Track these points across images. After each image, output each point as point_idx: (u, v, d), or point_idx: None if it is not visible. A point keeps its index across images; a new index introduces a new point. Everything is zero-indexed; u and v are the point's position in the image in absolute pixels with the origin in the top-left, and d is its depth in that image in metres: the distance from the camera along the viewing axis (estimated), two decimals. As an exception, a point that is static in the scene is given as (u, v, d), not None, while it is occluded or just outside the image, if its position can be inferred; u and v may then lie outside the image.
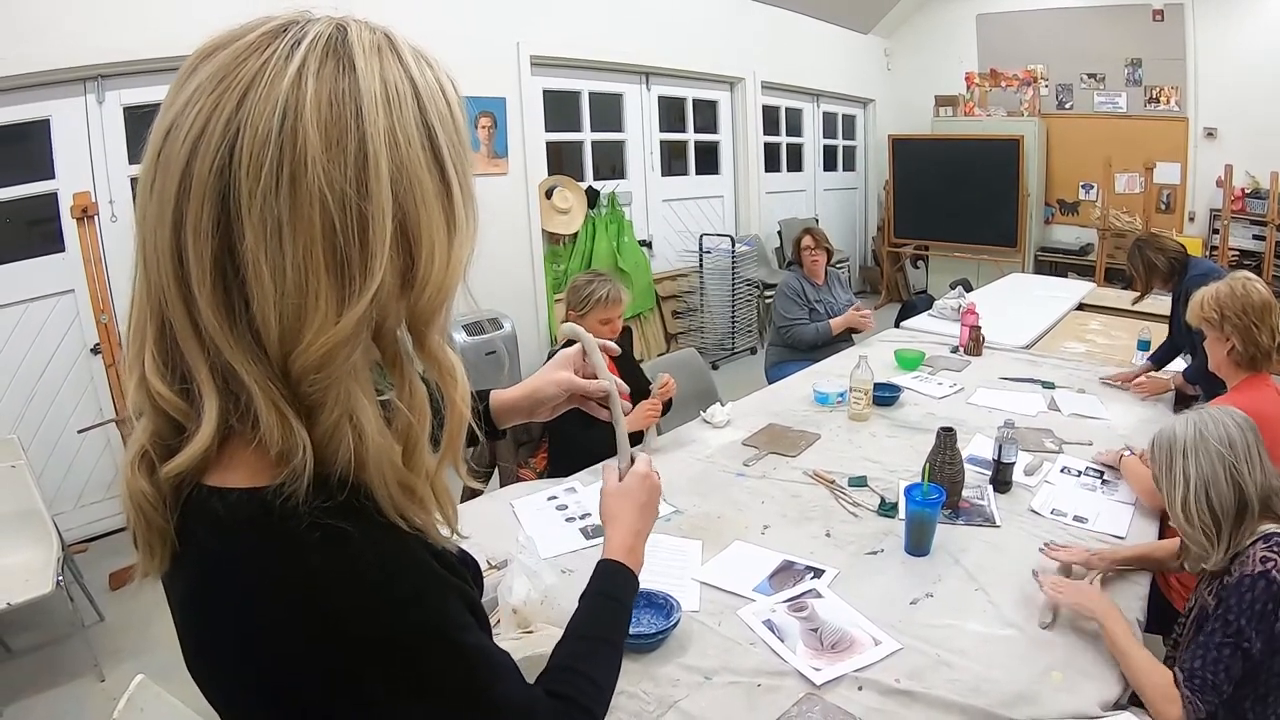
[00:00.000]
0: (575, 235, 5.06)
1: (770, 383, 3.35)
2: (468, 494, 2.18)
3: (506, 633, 1.36)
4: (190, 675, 0.58)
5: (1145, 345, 3.14)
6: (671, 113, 6.01)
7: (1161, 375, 2.85)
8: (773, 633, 1.47)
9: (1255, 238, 6.40)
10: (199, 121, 0.48)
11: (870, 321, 3.75)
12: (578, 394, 1.04)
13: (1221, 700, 1.27)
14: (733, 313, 5.83)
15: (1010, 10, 7.35)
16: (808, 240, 3.77)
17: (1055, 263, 7.27)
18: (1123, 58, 6.90)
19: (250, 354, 0.50)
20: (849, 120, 8.24)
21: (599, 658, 0.78)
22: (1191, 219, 6.84)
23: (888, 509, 1.94)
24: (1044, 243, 7.53)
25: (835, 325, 3.67)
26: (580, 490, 2.10)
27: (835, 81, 7.53)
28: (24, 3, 2.81)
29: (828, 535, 1.84)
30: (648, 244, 5.75)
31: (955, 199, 7.09)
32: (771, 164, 6.97)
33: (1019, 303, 4.44)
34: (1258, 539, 1.32)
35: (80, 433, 3.10)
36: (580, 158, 5.34)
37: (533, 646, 1.28)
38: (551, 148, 5.04)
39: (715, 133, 6.39)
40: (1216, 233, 6.52)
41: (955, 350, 3.38)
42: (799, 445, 2.37)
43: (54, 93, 3.02)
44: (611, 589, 0.85)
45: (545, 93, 4.90)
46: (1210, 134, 6.62)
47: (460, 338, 3.94)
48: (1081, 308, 4.40)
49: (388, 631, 0.52)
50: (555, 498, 2.07)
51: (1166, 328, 3.04)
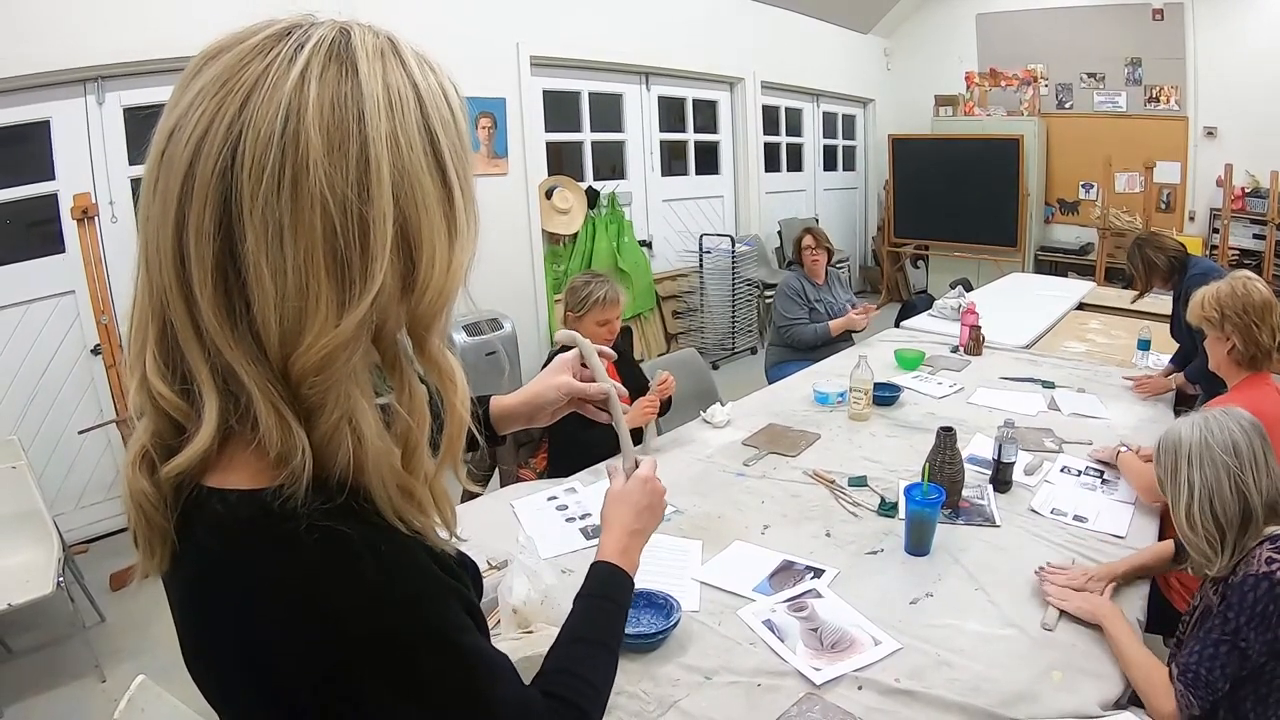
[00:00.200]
0: (575, 235, 5.06)
1: (770, 383, 3.35)
2: (467, 495, 2.18)
3: (506, 633, 1.36)
4: (190, 675, 0.58)
5: (1145, 344, 3.13)
6: (671, 113, 6.01)
7: (1162, 375, 2.85)
8: (773, 633, 1.47)
9: (1255, 237, 6.40)
10: (202, 123, 0.49)
11: (870, 318, 3.75)
12: (577, 397, 1.05)
13: (1215, 698, 1.26)
14: (733, 313, 5.83)
15: (1010, 10, 7.35)
16: (808, 240, 3.78)
17: (1055, 262, 7.27)
18: (1122, 57, 6.90)
19: (250, 355, 0.50)
20: (849, 120, 8.24)
21: (594, 660, 0.78)
22: (1191, 218, 6.84)
23: (888, 509, 1.94)
24: (1044, 242, 7.53)
25: (834, 327, 3.67)
26: (580, 490, 2.10)
27: (835, 81, 7.53)
28: (24, 4, 2.81)
29: (828, 535, 1.85)
30: (648, 244, 5.75)
31: (955, 199, 7.09)
32: (771, 164, 6.97)
33: (1019, 302, 4.44)
34: (1264, 540, 1.32)
35: (81, 433, 3.11)
36: (580, 158, 5.35)
37: (533, 646, 1.29)
38: (551, 148, 5.05)
39: (715, 133, 6.39)
40: (1216, 232, 6.52)
41: (955, 350, 3.39)
42: (799, 445, 2.37)
43: (54, 94, 3.02)
44: (604, 590, 0.85)
45: (545, 93, 4.90)
46: (1210, 133, 6.62)
47: (460, 338, 3.94)
48: (1081, 307, 4.39)
49: (386, 633, 0.52)
50: (555, 498, 2.07)
51: (1167, 327, 3.04)
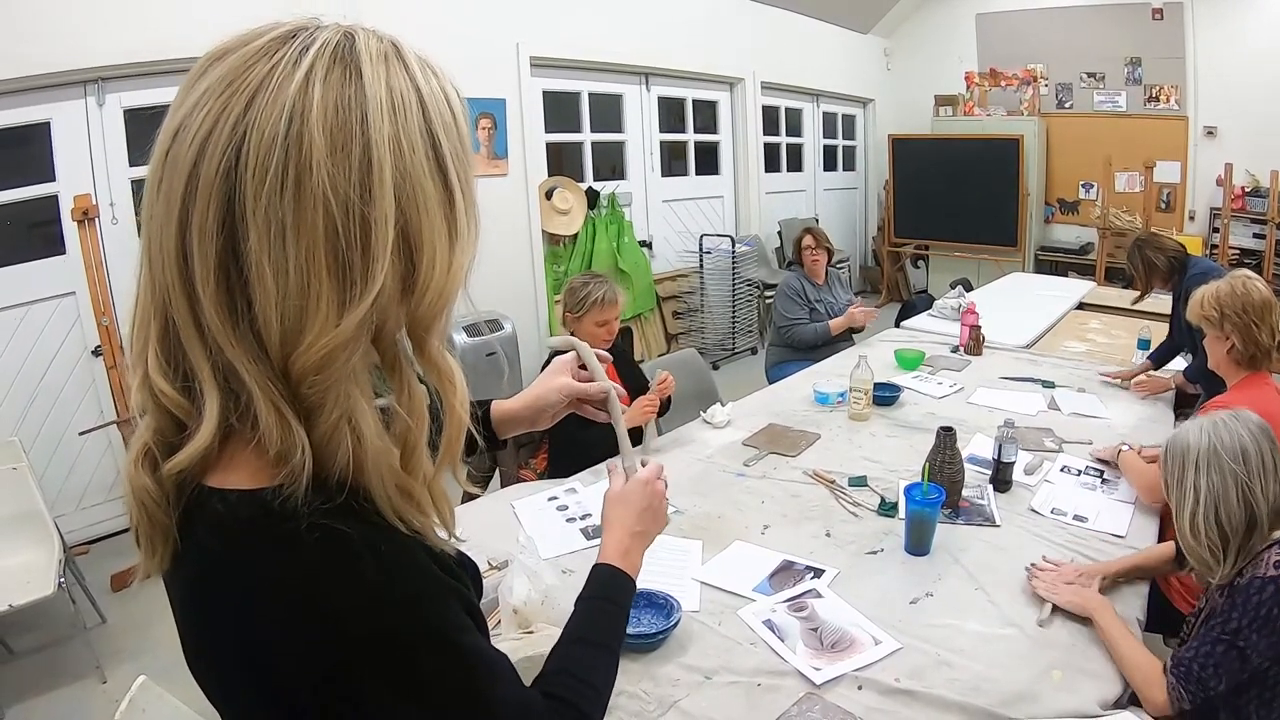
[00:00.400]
0: (575, 236, 5.06)
1: (771, 383, 3.36)
2: (467, 496, 2.18)
3: (507, 633, 1.36)
4: (191, 674, 0.59)
5: (1145, 344, 3.13)
6: (671, 113, 6.01)
7: (1162, 374, 2.85)
8: (773, 632, 1.47)
9: (1255, 236, 6.40)
10: (207, 123, 0.49)
11: (871, 315, 3.75)
12: (577, 398, 1.05)
13: (1206, 695, 1.26)
14: (733, 313, 5.83)
15: (1010, 10, 7.35)
16: (808, 240, 3.78)
17: (1055, 262, 7.27)
18: (1122, 57, 6.90)
19: (251, 354, 0.50)
20: (849, 120, 8.24)
21: (594, 661, 0.78)
22: (1192, 218, 6.84)
23: (888, 509, 1.94)
24: (1044, 242, 7.53)
25: (835, 326, 3.68)
26: (581, 491, 2.11)
27: (835, 81, 7.53)
28: (25, 5, 2.81)
29: (828, 535, 1.85)
30: (648, 244, 5.76)
31: (955, 199, 7.09)
32: (771, 164, 6.97)
33: (1019, 302, 4.44)
34: (1273, 544, 1.30)
35: (81, 435, 3.11)
36: (580, 158, 5.35)
37: (533, 646, 1.29)
38: (551, 149, 5.05)
39: (715, 133, 6.40)
40: (1217, 231, 6.52)
41: (955, 350, 3.39)
42: (799, 445, 2.37)
43: (54, 95, 3.02)
44: (604, 592, 0.85)
45: (545, 93, 4.90)
46: (1210, 132, 6.62)
47: (460, 339, 3.94)
48: (1082, 307, 4.39)
49: (386, 632, 0.53)
50: (555, 498, 2.08)
51: (1167, 327, 3.04)
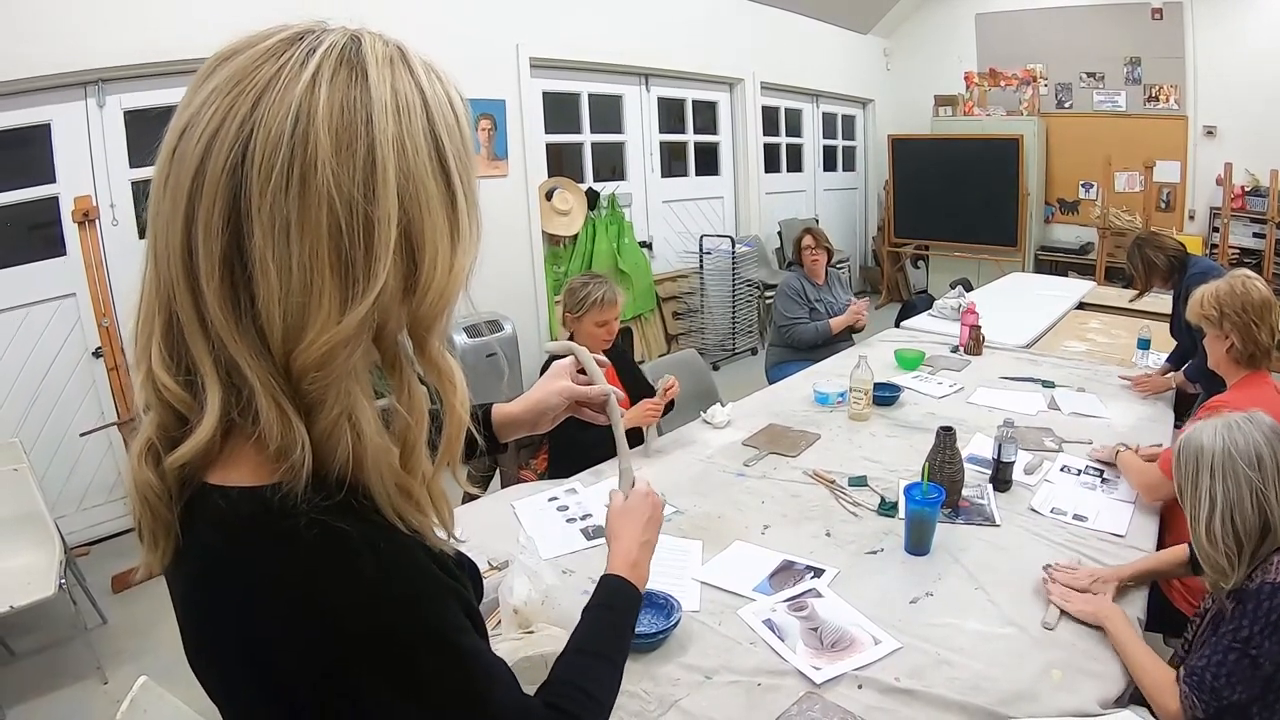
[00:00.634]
0: (575, 237, 5.06)
1: (771, 383, 3.36)
2: (467, 496, 2.18)
3: (507, 633, 1.36)
4: (191, 671, 0.59)
5: (1145, 344, 3.14)
6: (671, 114, 6.01)
7: (1159, 374, 2.85)
8: (773, 632, 1.47)
9: (1255, 235, 6.40)
10: (214, 121, 0.49)
11: (863, 310, 3.75)
12: (578, 401, 1.07)
13: (1220, 705, 1.25)
14: (733, 313, 5.83)
15: (1009, 9, 7.35)
16: (808, 240, 3.78)
17: (1055, 262, 7.27)
18: (1122, 56, 6.90)
19: (254, 349, 0.51)
20: (848, 120, 8.24)
21: (596, 671, 0.78)
22: (1191, 217, 6.84)
23: (887, 508, 1.94)
24: (1044, 242, 7.53)
25: (835, 325, 3.68)
26: (581, 491, 2.11)
27: (834, 82, 7.53)
28: (24, 6, 2.82)
29: (828, 535, 1.85)
30: (648, 245, 5.76)
31: (955, 199, 7.09)
32: (771, 164, 6.97)
33: (1019, 302, 4.44)
34: None
35: (82, 436, 3.11)
36: (580, 159, 5.35)
37: (533, 646, 1.29)
38: (551, 149, 5.05)
39: (715, 134, 6.40)
40: (1216, 231, 6.52)
41: (955, 350, 3.39)
42: (799, 445, 2.37)
43: (54, 97, 3.03)
44: (610, 602, 0.86)
45: (545, 94, 4.90)
46: (1210, 132, 6.62)
47: (460, 340, 3.94)
48: (1082, 307, 4.40)
49: (385, 629, 0.53)
50: (556, 499, 2.08)
51: (1167, 326, 3.04)
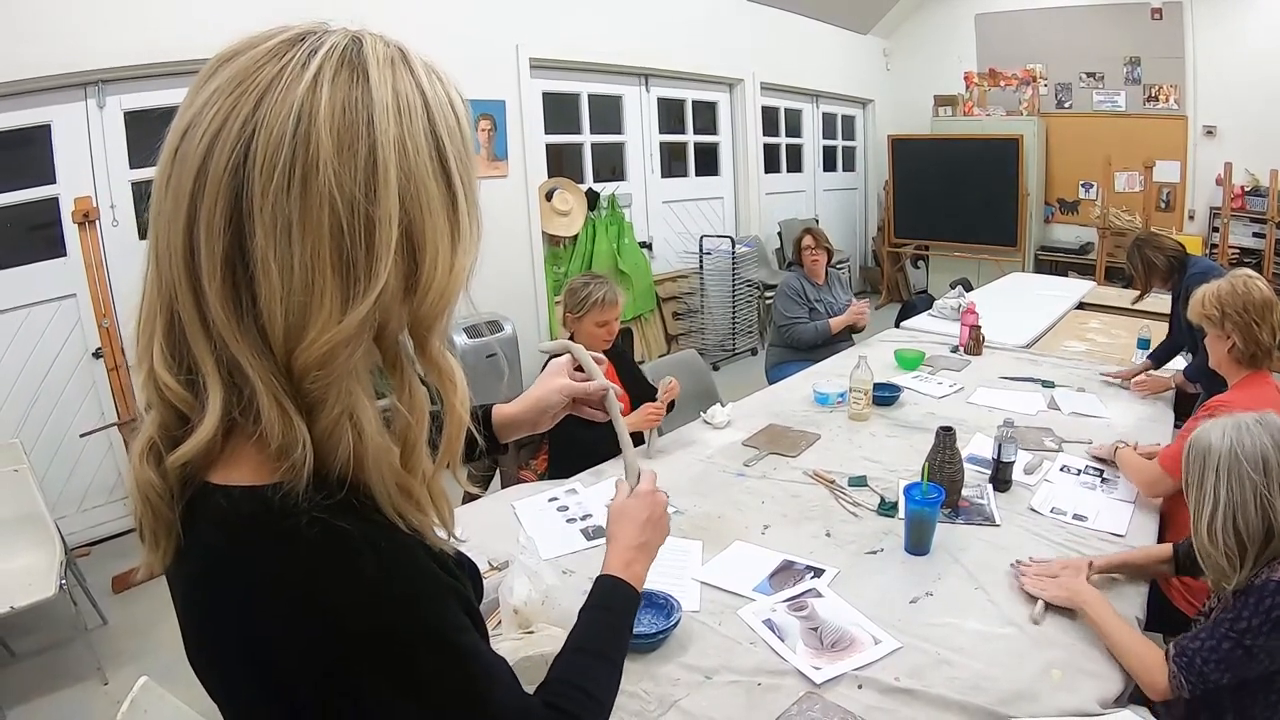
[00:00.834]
0: (575, 237, 5.06)
1: (771, 383, 3.36)
2: (467, 496, 2.18)
3: (508, 633, 1.37)
4: (192, 669, 0.59)
5: (1145, 344, 3.14)
6: (671, 114, 6.02)
7: (1162, 374, 2.85)
8: (773, 632, 1.47)
9: (1255, 235, 6.40)
10: (216, 121, 0.50)
11: (864, 310, 3.75)
12: (578, 399, 1.07)
13: (1206, 688, 1.26)
14: (733, 314, 5.84)
15: (1009, 10, 7.35)
16: (808, 240, 3.78)
17: (1055, 262, 7.27)
18: (1121, 56, 6.90)
19: (255, 348, 0.51)
20: (848, 121, 8.24)
21: (594, 671, 0.78)
22: (1191, 217, 6.84)
23: (887, 508, 1.94)
24: (1044, 242, 7.53)
25: (835, 325, 3.68)
26: (581, 491, 2.11)
27: (834, 82, 7.53)
28: (24, 7, 2.82)
29: (828, 535, 1.85)
30: (648, 245, 5.76)
31: (955, 199, 7.09)
32: (771, 165, 6.98)
33: (1019, 302, 4.45)
34: None
35: (82, 437, 3.11)
36: (580, 160, 5.35)
37: (534, 646, 1.29)
38: (551, 150, 5.05)
39: (715, 134, 6.40)
40: (1216, 230, 6.52)
41: (955, 350, 3.39)
42: (799, 445, 2.37)
43: (55, 98, 3.03)
44: (606, 603, 0.86)
45: (545, 95, 4.91)
46: (1209, 132, 6.62)
47: (460, 340, 3.95)
48: (1082, 307, 4.40)
49: (385, 628, 0.53)
50: (556, 499, 2.08)
51: (1167, 326, 3.05)
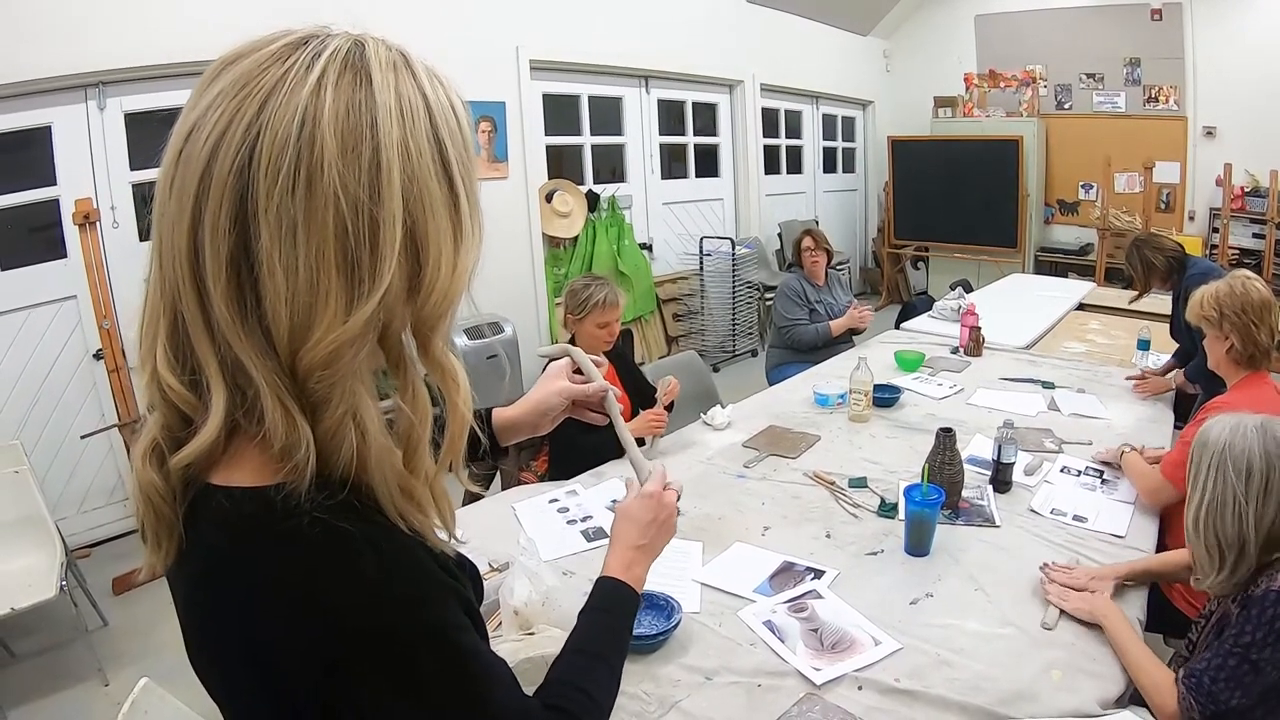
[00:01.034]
0: (576, 239, 5.06)
1: (771, 385, 3.36)
2: (468, 497, 2.19)
3: (508, 634, 1.37)
4: (193, 669, 0.59)
5: (1145, 344, 3.14)
6: (671, 116, 6.02)
7: (1161, 372, 2.86)
8: (773, 633, 1.47)
9: (1255, 236, 6.40)
10: (221, 123, 0.50)
11: (868, 317, 3.75)
12: (577, 401, 1.08)
13: (1218, 709, 1.24)
14: (733, 315, 5.84)
15: (1009, 11, 7.36)
16: (808, 241, 3.78)
17: (1055, 263, 7.26)
18: (1121, 57, 6.90)
19: (259, 349, 0.51)
20: (848, 122, 8.25)
21: (594, 672, 0.78)
22: (1191, 218, 6.84)
23: (888, 510, 1.94)
24: (1044, 243, 7.53)
25: (835, 327, 3.68)
26: (581, 493, 2.11)
27: (834, 83, 7.54)
28: (25, 9, 2.82)
29: (828, 536, 1.85)
30: (648, 247, 5.76)
31: (955, 200, 7.09)
32: (771, 166, 6.98)
33: (1019, 303, 4.45)
34: None
35: (83, 438, 3.12)
36: (580, 161, 5.36)
37: (534, 648, 1.29)
38: (551, 151, 5.05)
39: (715, 135, 6.40)
40: (1216, 231, 6.52)
41: (955, 351, 3.39)
42: (799, 447, 2.37)
43: (55, 99, 3.03)
44: (605, 604, 0.86)
45: (545, 97, 4.91)
46: (1209, 133, 6.63)
47: (461, 342, 3.95)
48: (1081, 308, 4.40)
49: (386, 629, 0.53)
50: (556, 500, 2.08)
51: (1166, 327, 3.04)
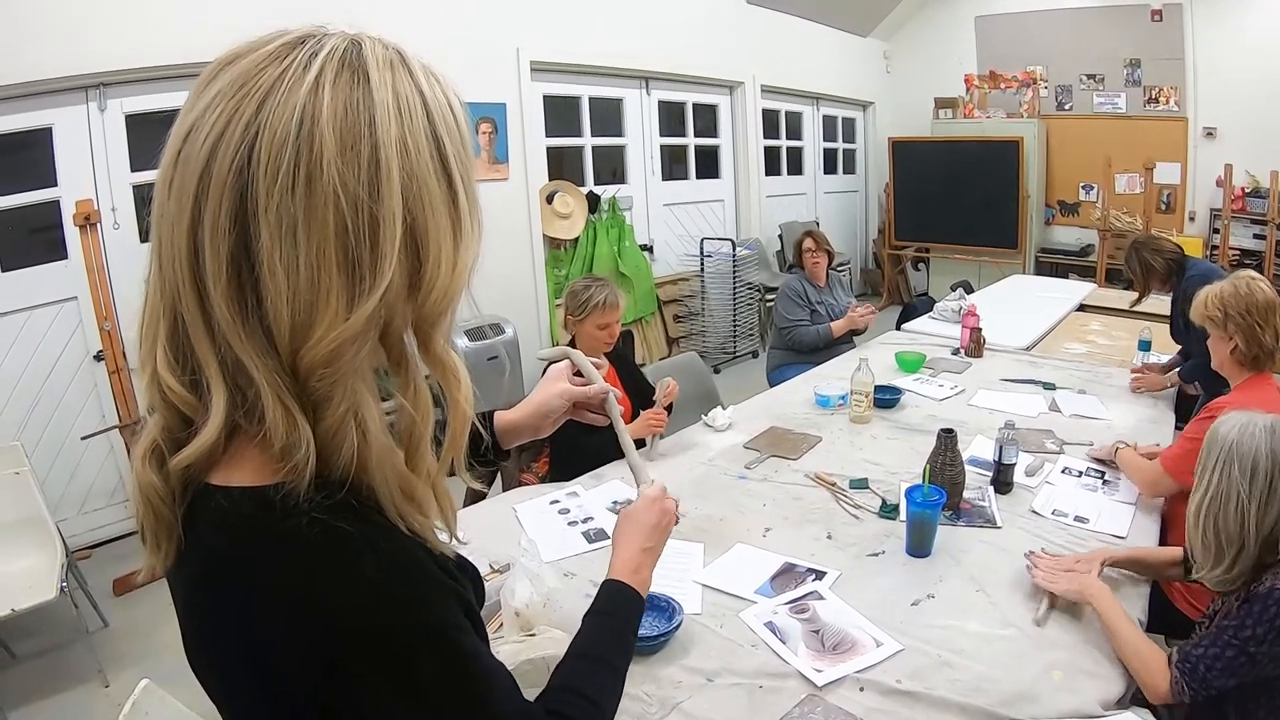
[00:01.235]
0: (576, 240, 5.07)
1: (771, 386, 3.36)
2: (470, 497, 2.19)
3: (509, 635, 1.36)
4: (192, 670, 0.59)
5: (1146, 345, 3.13)
6: (671, 117, 6.02)
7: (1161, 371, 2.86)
8: (774, 634, 1.47)
9: (1256, 237, 6.40)
10: (219, 123, 0.50)
11: (871, 318, 3.75)
12: (578, 403, 1.08)
13: (1208, 694, 1.26)
14: (734, 316, 5.84)
15: (1009, 12, 7.37)
16: (809, 242, 3.78)
17: (1056, 264, 7.26)
18: (1122, 58, 6.91)
19: (260, 348, 0.51)
20: (849, 123, 8.25)
21: (597, 676, 0.78)
22: (1192, 219, 6.84)
23: (889, 511, 1.94)
24: (1044, 244, 7.53)
25: (836, 328, 3.67)
26: (582, 494, 2.11)
27: (835, 84, 7.54)
28: (26, 10, 2.83)
29: (829, 537, 1.85)
30: (649, 248, 5.76)
31: (955, 201, 7.09)
32: (772, 167, 6.98)
33: (1020, 304, 4.44)
34: None
35: (84, 439, 3.12)
36: (581, 163, 5.36)
37: (535, 649, 1.29)
38: (552, 153, 5.06)
39: (715, 137, 6.41)
40: (1217, 232, 6.52)
41: (956, 352, 3.38)
42: (800, 448, 2.37)
43: (56, 101, 3.03)
44: (611, 608, 0.86)
45: (545, 98, 4.92)
46: (1210, 133, 6.63)
47: (462, 343, 3.94)
48: (1082, 308, 4.40)
49: (385, 629, 0.53)
50: (557, 501, 2.08)
51: (1167, 328, 3.04)
